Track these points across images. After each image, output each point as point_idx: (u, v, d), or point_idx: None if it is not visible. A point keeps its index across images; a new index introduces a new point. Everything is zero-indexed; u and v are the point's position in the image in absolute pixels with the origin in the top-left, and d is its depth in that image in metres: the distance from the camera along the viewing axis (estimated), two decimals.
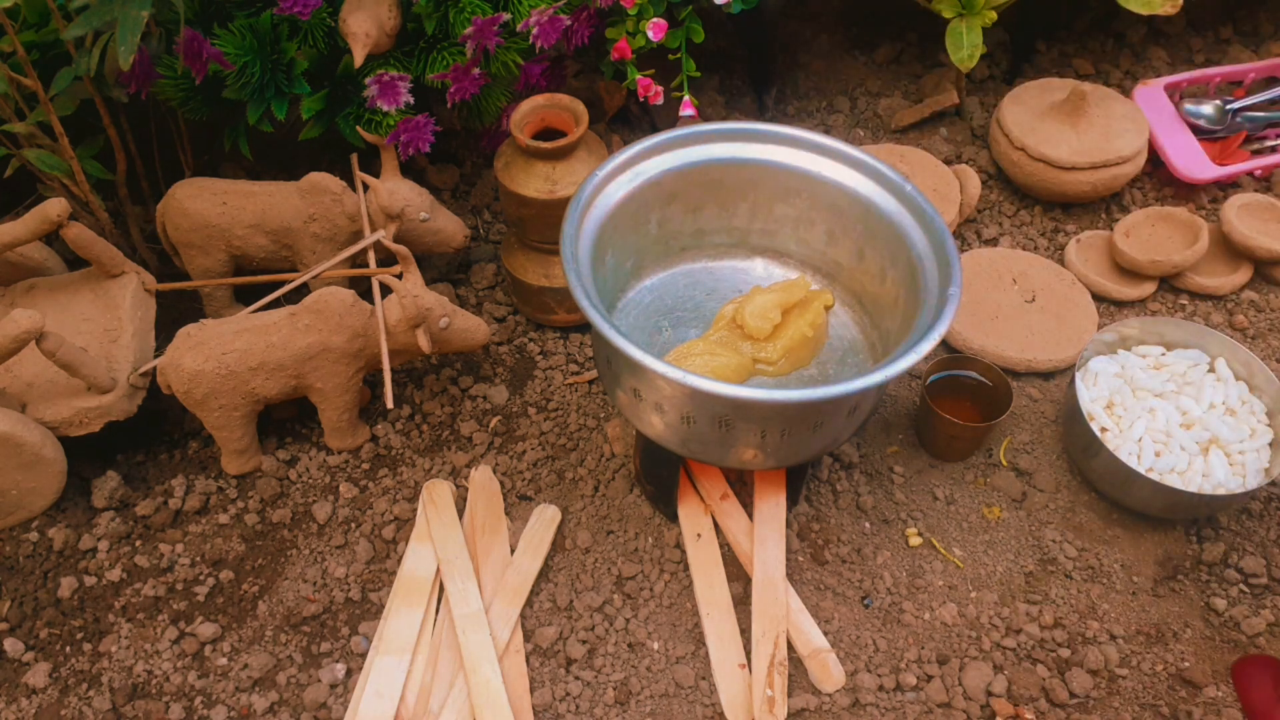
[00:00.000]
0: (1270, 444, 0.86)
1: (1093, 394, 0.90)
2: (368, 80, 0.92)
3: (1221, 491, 0.82)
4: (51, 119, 0.87)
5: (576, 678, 0.79)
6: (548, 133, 0.94)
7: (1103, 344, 0.94)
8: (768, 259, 0.89)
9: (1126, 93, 1.20)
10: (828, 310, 0.84)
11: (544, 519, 0.87)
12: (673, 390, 0.68)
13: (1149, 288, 1.06)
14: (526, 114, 0.92)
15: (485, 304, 1.06)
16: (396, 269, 0.90)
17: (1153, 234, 1.09)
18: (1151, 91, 1.20)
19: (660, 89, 1.04)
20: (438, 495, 0.88)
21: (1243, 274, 1.07)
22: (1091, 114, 1.10)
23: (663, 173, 0.80)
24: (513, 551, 0.85)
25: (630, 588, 0.84)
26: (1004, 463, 0.93)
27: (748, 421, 0.69)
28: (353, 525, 0.88)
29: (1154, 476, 0.84)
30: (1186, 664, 0.80)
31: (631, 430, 0.92)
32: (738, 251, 0.89)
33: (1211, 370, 0.91)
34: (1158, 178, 1.19)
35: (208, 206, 0.93)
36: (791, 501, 0.87)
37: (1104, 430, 0.88)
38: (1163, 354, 0.94)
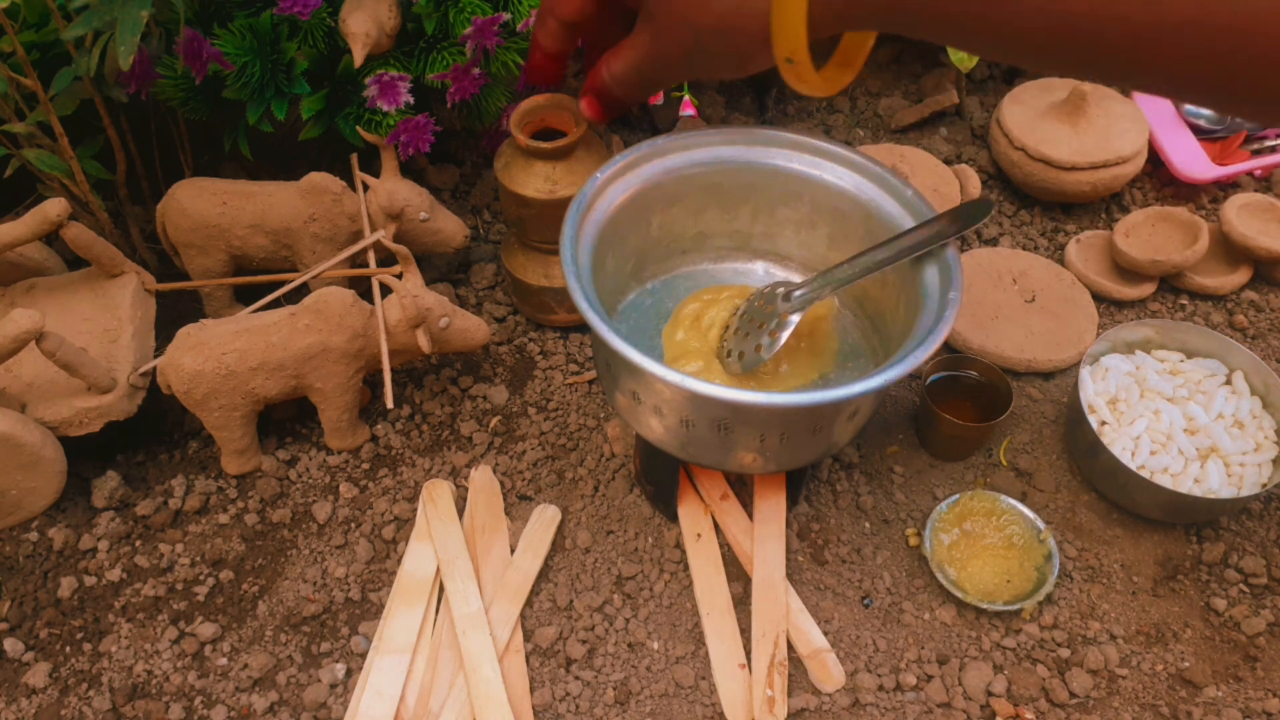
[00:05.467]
0: (1274, 460, 0.86)
1: (1099, 388, 0.90)
2: (368, 80, 0.92)
3: (1213, 498, 0.82)
4: (51, 119, 0.87)
5: (576, 678, 0.79)
6: (548, 132, 0.94)
7: (1121, 342, 0.94)
8: (769, 262, 0.89)
9: (1126, 93, 1.20)
10: (824, 316, 0.83)
11: (544, 519, 0.87)
12: (672, 394, 0.68)
13: (1149, 288, 1.06)
14: (526, 114, 0.92)
15: (485, 304, 1.06)
16: (396, 269, 0.90)
17: (1153, 234, 1.09)
18: None
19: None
20: (438, 495, 0.88)
21: (1243, 274, 1.07)
22: (1091, 114, 1.10)
23: (664, 175, 0.79)
24: (513, 551, 0.85)
25: (630, 588, 0.84)
26: (1004, 463, 0.93)
27: (747, 425, 0.69)
28: (353, 525, 0.89)
29: (1145, 474, 0.84)
30: (1186, 664, 0.80)
31: (631, 431, 0.92)
32: (739, 254, 0.89)
33: (1228, 383, 0.91)
34: (1158, 178, 1.19)
35: (208, 206, 0.93)
36: (791, 502, 0.87)
37: (1103, 424, 0.88)
38: (1181, 360, 0.93)
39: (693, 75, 0.67)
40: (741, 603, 0.82)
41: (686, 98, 1.06)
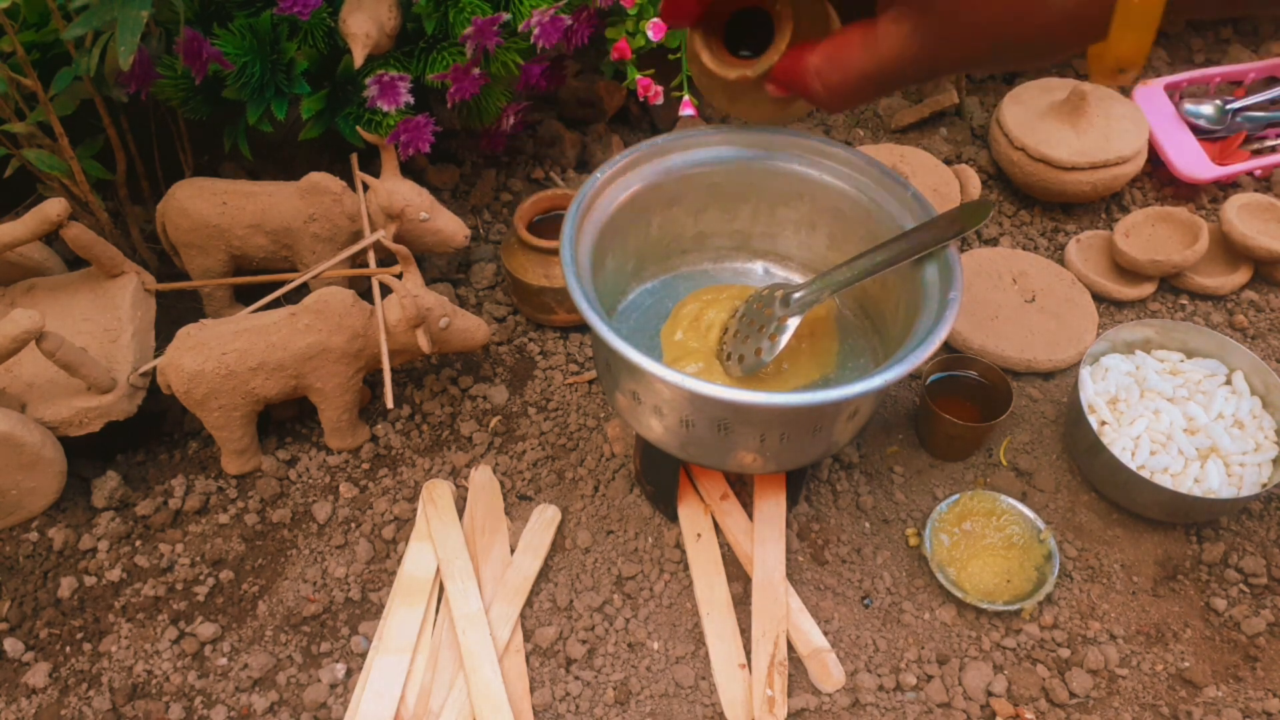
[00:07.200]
0: (1274, 460, 0.86)
1: (1099, 388, 0.90)
2: (368, 80, 0.92)
3: (1213, 498, 0.82)
4: (51, 119, 0.87)
5: (576, 678, 0.79)
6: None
7: (1121, 342, 0.94)
8: (769, 262, 0.89)
9: (1126, 93, 1.21)
10: (824, 317, 0.83)
11: (544, 519, 0.87)
12: (672, 394, 0.68)
13: (1149, 288, 1.06)
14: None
15: (485, 304, 1.06)
16: (396, 269, 0.90)
17: (1153, 234, 1.09)
18: (1151, 91, 1.20)
19: (660, 89, 1.04)
20: (438, 495, 0.88)
21: (1243, 274, 1.07)
22: (1091, 114, 1.10)
23: (664, 175, 0.79)
24: (513, 551, 0.85)
25: (630, 588, 0.84)
26: (1004, 463, 0.93)
27: (747, 425, 0.69)
28: (353, 525, 0.89)
29: (1145, 474, 0.84)
30: (1186, 664, 0.80)
31: (631, 431, 0.92)
32: (739, 254, 0.89)
33: (1228, 383, 0.91)
34: (1158, 178, 1.19)
35: (208, 206, 0.93)
36: (791, 502, 0.87)
37: (1103, 424, 0.88)
38: (1181, 360, 0.93)
39: (958, 71, 0.55)
40: (741, 603, 0.82)
41: (687, 97, 1.06)
